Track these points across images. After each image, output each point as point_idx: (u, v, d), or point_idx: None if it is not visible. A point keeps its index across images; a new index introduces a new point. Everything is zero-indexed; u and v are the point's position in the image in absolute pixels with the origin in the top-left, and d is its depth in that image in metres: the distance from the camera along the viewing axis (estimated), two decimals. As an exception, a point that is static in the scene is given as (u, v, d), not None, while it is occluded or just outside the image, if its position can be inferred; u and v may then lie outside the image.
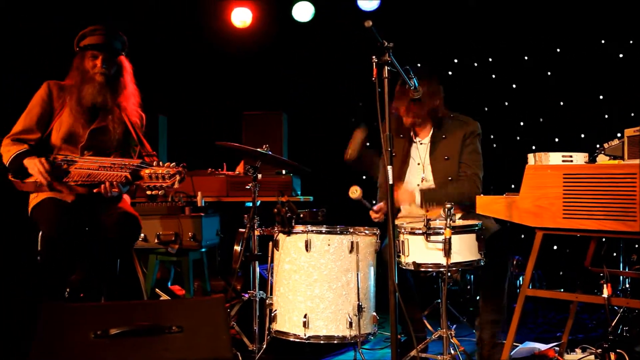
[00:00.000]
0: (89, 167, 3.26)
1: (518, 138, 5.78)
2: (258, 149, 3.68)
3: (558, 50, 5.62)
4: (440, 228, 3.05)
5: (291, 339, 3.36)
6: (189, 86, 6.08)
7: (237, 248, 4.23)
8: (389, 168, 2.80)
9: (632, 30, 5.27)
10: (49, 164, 3.28)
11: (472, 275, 4.81)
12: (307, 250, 3.34)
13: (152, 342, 2.37)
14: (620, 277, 4.10)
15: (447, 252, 2.99)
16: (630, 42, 5.33)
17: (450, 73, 5.89)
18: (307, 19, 5.98)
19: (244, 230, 3.82)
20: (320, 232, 3.36)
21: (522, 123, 5.79)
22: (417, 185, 3.69)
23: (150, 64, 4.53)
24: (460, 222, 3.21)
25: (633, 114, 5.21)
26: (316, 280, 3.33)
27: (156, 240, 4.25)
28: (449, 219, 2.98)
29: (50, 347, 2.30)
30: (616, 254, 4.22)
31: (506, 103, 5.84)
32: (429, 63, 5.55)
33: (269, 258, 3.63)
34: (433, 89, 3.63)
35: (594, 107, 5.47)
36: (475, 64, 5.90)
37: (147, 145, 3.57)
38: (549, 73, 5.65)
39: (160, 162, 3.08)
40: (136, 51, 3.65)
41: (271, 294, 3.56)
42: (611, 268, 3.37)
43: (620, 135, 3.08)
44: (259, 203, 3.74)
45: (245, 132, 5.43)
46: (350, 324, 3.30)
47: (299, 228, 3.40)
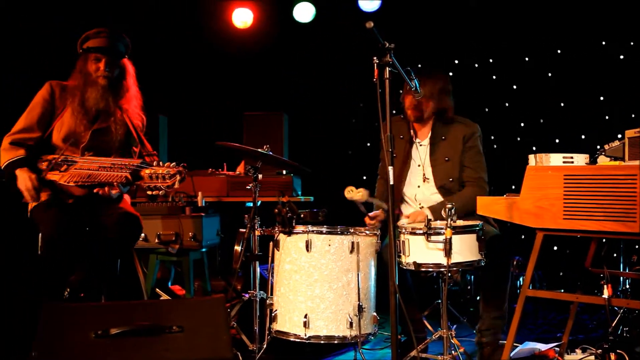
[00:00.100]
0: (89, 167, 3.25)
1: (519, 139, 5.78)
2: (259, 149, 3.68)
3: (559, 51, 5.62)
4: (441, 228, 3.06)
5: (292, 339, 3.36)
6: (190, 86, 6.08)
7: (237, 248, 4.24)
8: (390, 169, 2.80)
9: (633, 32, 5.27)
10: (39, 181, 3.28)
11: (472, 276, 4.81)
12: (307, 250, 3.34)
13: (153, 342, 2.37)
14: (621, 278, 4.11)
15: (448, 252, 2.99)
16: (631, 43, 5.33)
17: (450, 74, 5.86)
18: (308, 20, 5.98)
19: (244, 230, 3.82)
20: (321, 233, 3.36)
21: (522, 124, 5.79)
22: (418, 186, 3.69)
23: (151, 64, 4.52)
24: (460, 222, 3.21)
25: (634, 115, 5.21)
26: (317, 281, 3.33)
27: (156, 240, 4.25)
28: (449, 219, 2.98)
29: (51, 347, 2.31)
30: (616, 255, 4.22)
31: (507, 104, 5.83)
32: (429, 64, 5.55)
33: (270, 258, 3.62)
34: (440, 88, 3.61)
35: (595, 108, 5.47)
36: (476, 65, 5.90)
37: (147, 145, 3.56)
38: (549, 74, 5.65)
39: (160, 162, 3.06)
40: (136, 51, 3.64)
41: (271, 294, 3.56)
42: (611, 269, 3.37)
43: (620, 136, 3.09)
44: (259, 203, 3.74)
45: (246, 133, 5.42)
46: (351, 324, 3.30)
47: (299, 228, 3.39)
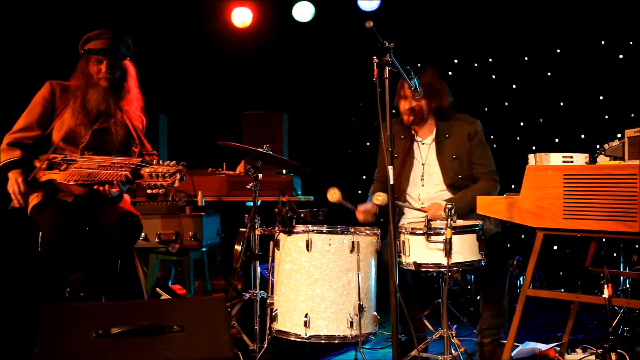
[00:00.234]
0: (89, 166, 3.24)
1: (518, 138, 5.78)
2: (259, 149, 3.68)
3: (558, 50, 5.63)
4: (441, 228, 3.06)
5: (292, 339, 3.35)
6: (189, 86, 6.08)
7: (237, 247, 4.24)
8: (390, 168, 2.80)
9: (632, 31, 5.28)
10: (26, 185, 3.29)
11: (472, 275, 4.81)
12: (308, 249, 3.34)
13: (153, 341, 2.37)
14: (621, 278, 4.11)
15: (448, 252, 2.99)
16: (631, 42, 5.33)
17: (450, 73, 5.88)
18: (308, 19, 5.98)
19: (244, 229, 3.82)
20: (321, 232, 3.36)
21: (522, 123, 5.79)
22: (422, 185, 3.69)
23: (151, 64, 4.52)
24: (460, 222, 3.21)
25: (633, 115, 5.21)
26: (317, 280, 3.32)
27: (157, 240, 4.25)
28: (449, 219, 2.98)
29: (52, 346, 2.31)
30: (616, 255, 4.23)
31: (506, 103, 5.84)
32: (429, 63, 5.54)
33: (270, 257, 3.62)
34: (425, 83, 3.58)
35: (594, 107, 5.47)
36: (476, 65, 5.90)
37: (147, 145, 3.57)
38: (549, 73, 5.65)
39: (160, 161, 3.05)
40: (136, 51, 3.64)
41: (272, 294, 3.56)
42: (611, 268, 3.37)
43: (620, 136, 3.09)
44: (259, 203, 3.74)
45: (246, 132, 5.42)
46: (351, 323, 3.30)
47: (299, 228, 3.39)
